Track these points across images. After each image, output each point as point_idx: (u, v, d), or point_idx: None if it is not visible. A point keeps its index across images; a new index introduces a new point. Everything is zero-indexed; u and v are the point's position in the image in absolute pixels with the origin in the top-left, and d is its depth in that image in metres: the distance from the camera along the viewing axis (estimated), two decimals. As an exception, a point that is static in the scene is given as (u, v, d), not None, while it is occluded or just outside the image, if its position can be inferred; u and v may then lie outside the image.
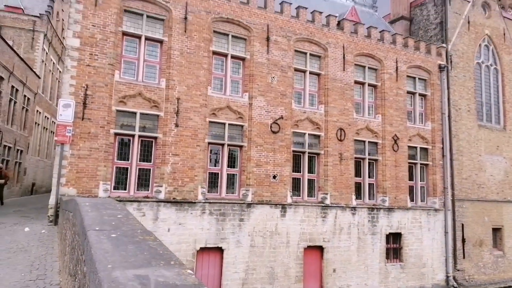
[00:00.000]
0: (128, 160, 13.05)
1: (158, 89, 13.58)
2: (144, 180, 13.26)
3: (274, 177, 15.10)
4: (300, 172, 16.17)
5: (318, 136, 16.62)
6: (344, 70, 17.31)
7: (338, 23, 17.76)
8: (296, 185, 15.96)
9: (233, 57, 15.22)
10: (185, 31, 14.06)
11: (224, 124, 14.65)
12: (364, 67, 18.17)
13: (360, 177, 17.55)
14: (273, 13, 15.91)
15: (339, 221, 16.32)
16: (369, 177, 17.74)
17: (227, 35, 15.11)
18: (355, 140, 17.31)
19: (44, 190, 28.66)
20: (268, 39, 15.60)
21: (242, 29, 15.33)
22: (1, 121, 20.96)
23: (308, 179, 16.24)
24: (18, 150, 23.99)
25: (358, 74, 18.01)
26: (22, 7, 27.13)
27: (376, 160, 17.91)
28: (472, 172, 20.49)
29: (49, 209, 11.88)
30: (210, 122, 14.34)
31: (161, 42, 13.91)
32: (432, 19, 22.26)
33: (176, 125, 13.54)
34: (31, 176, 26.74)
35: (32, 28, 26.12)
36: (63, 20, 32.00)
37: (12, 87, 22.32)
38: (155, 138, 13.40)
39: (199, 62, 14.20)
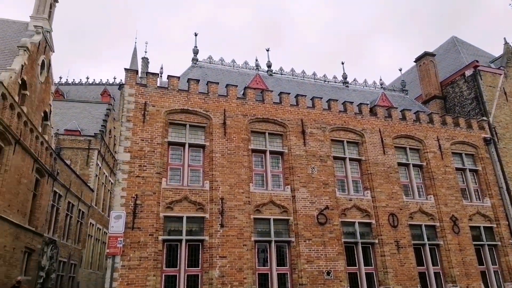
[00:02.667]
0: (176, 267, 12.85)
1: (203, 191, 13.93)
2: (193, 287, 12.83)
3: (328, 273, 14.13)
4: (356, 266, 15.06)
5: (369, 224, 15.83)
6: (384, 153, 17.14)
7: (371, 110, 18.18)
8: (353, 281, 14.72)
9: (271, 152, 15.65)
10: (225, 134, 14.87)
11: (269, 219, 14.42)
12: (405, 148, 17.94)
13: (423, 265, 16.02)
14: (306, 108, 16.66)
15: (408, 319, 14.48)
16: (433, 264, 16.15)
17: (264, 133, 15.79)
18: (410, 224, 16.27)
19: (95, 303, 28.32)
20: (303, 132, 16.09)
21: (277, 126, 16.02)
22: (58, 237, 21.91)
23: (365, 272, 15.02)
24: (72, 264, 24.53)
25: (400, 156, 17.72)
26: (79, 129, 30.36)
27: (437, 245, 16.50)
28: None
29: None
30: (254, 219, 14.20)
31: (203, 147, 14.70)
32: (466, 95, 22.29)
33: (222, 225, 13.49)
34: (82, 289, 26.76)
35: (87, 147, 28.79)
36: (114, 136, 35.14)
37: (69, 202, 23.80)
38: (202, 241, 13.32)
39: (240, 161, 14.67)
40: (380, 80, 23.50)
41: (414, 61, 26.26)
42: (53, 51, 21.47)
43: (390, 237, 15.60)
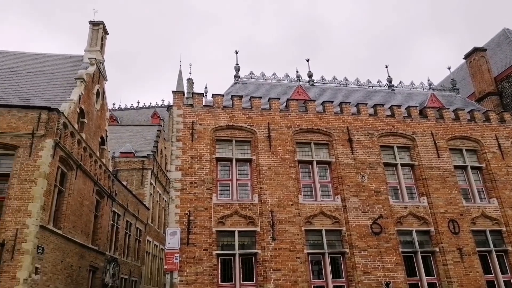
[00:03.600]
0: (232, 281, 13.01)
1: (252, 205, 14.07)
2: (248, 301, 12.90)
3: (387, 285, 13.58)
4: (417, 276, 14.33)
5: (427, 232, 15.07)
6: (439, 156, 16.35)
7: (420, 112, 17.48)
8: (414, 292, 14.03)
9: (318, 162, 15.50)
10: (270, 147, 14.99)
11: (321, 231, 14.21)
12: (461, 150, 17.01)
13: (491, 274, 14.91)
14: (351, 116, 16.38)
15: (479, 333, 13.47)
16: (502, 272, 14.98)
17: (309, 143, 15.71)
18: (473, 230, 15.28)
19: (155, 319, 29.23)
20: (350, 140, 15.80)
21: (322, 135, 15.88)
22: (118, 255, 23.04)
23: (427, 283, 14.25)
24: (133, 281, 25.62)
25: (456, 159, 16.81)
26: (133, 151, 31.99)
27: (505, 251, 15.30)
28: None
29: None
30: (305, 230, 14.06)
31: (249, 161, 14.91)
32: (525, 88, 20.75)
33: (273, 238, 13.50)
34: (143, 305, 27.77)
35: (141, 167, 30.23)
36: (166, 156, 36.60)
37: (127, 221, 25.01)
38: (255, 254, 13.39)
39: (287, 173, 14.68)
40: (428, 80, 22.56)
41: (464, 58, 25.01)
42: (106, 80, 23.00)
43: (451, 244, 14.73)
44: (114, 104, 58.04)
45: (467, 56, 24.50)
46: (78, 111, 18.29)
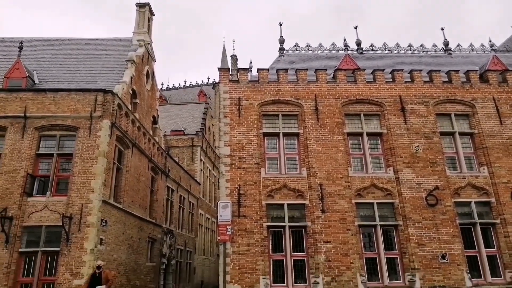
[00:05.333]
0: (283, 252, 13.27)
1: (301, 179, 14.06)
2: (300, 271, 13.13)
3: (443, 257, 13.14)
4: (475, 248, 13.72)
5: (487, 203, 14.25)
6: (501, 123, 15.19)
7: (481, 76, 16.21)
8: (473, 264, 13.47)
9: (368, 134, 15.04)
10: (318, 120, 14.74)
11: (372, 203, 13.94)
12: (527, 115, 15.62)
13: (561, 247, 13.87)
14: (404, 84, 15.58)
15: (547, 309, 12.74)
16: None
17: (359, 114, 15.22)
18: (540, 201, 14.19)
19: (211, 287, 30.81)
20: (403, 109, 15.09)
21: (373, 106, 15.30)
22: (174, 227, 24.30)
23: (487, 255, 13.60)
24: (188, 251, 27.02)
25: (521, 125, 15.50)
26: (183, 129, 33.03)
27: None
28: None
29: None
30: (356, 203, 13.87)
31: (297, 135, 14.80)
32: None
33: (323, 211, 13.48)
34: (199, 274, 29.32)
35: (191, 144, 31.20)
36: (213, 132, 37.44)
37: (180, 196, 26.17)
38: (305, 227, 13.49)
39: (336, 146, 14.42)
40: (490, 41, 20.74)
41: (532, 14, 22.53)
42: (155, 61, 23.63)
43: (515, 216, 13.83)
44: (162, 84, 59.94)
45: (535, 12, 22.04)
46: (131, 92, 19.07)
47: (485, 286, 13.03)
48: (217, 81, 15.58)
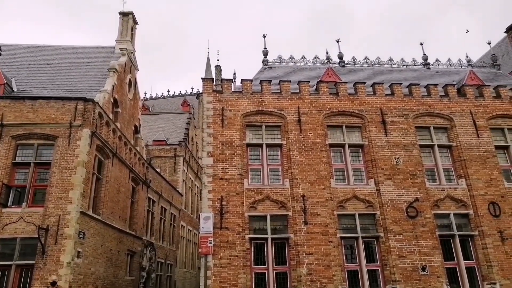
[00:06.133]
0: (265, 265, 13.14)
1: (283, 190, 14.05)
2: (282, 284, 13.00)
3: (424, 269, 13.27)
4: (454, 260, 13.92)
5: (466, 215, 14.53)
6: (478, 137, 15.60)
7: (458, 90, 16.67)
8: (452, 276, 13.64)
9: (350, 146, 15.19)
10: (301, 131, 14.83)
11: (354, 215, 14.01)
12: (502, 129, 16.14)
13: (536, 258, 14.21)
14: (384, 97, 15.87)
15: (523, 319, 12.98)
16: (548, 257, 14.23)
17: (341, 126, 15.39)
18: (516, 213, 14.56)
19: (192, 300, 30.20)
20: (383, 122, 15.34)
21: (355, 118, 15.51)
22: (154, 239, 23.82)
23: (466, 267, 13.81)
24: (168, 264, 26.48)
25: (497, 138, 15.99)
26: (165, 139, 32.68)
27: (552, 235, 14.49)
28: None
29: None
30: (338, 215, 13.91)
31: (280, 146, 14.83)
32: None
33: (305, 223, 13.46)
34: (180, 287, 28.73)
35: (173, 155, 30.88)
36: (196, 143, 37.17)
37: (162, 207, 25.75)
38: (287, 238, 13.43)
39: (318, 157, 14.50)
40: (467, 57, 21.43)
41: (505, 32, 23.50)
42: (138, 70, 23.43)
43: (492, 227, 14.15)
44: (145, 93, 59.41)
45: (509, 30, 23.00)
46: (112, 101, 18.80)
47: (464, 297, 13.18)
48: (201, 91, 15.55)
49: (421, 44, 21.62)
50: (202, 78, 15.53)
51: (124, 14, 22.63)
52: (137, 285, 20.75)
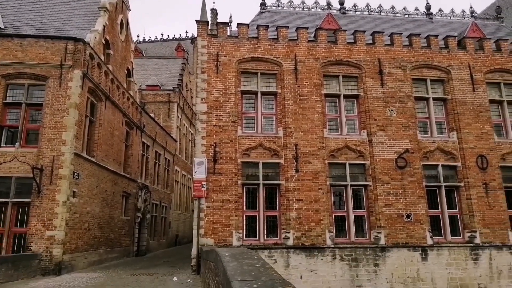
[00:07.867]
0: (256, 208, 13.61)
1: (276, 138, 14.17)
2: (272, 227, 13.58)
3: (408, 216, 13.86)
4: (438, 209, 14.51)
5: (454, 167, 14.91)
6: (474, 90, 15.56)
7: (459, 43, 16.34)
8: (435, 224, 14.31)
9: (346, 96, 15.13)
10: (296, 80, 14.64)
11: (345, 164, 14.32)
12: (498, 83, 16.07)
13: (516, 209, 14.86)
14: (383, 46, 15.53)
15: (496, 263, 13.86)
16: (528, 209, 14.89)
17: (337, 76, 15.20)
18: (502, 166, 14.99)
19: (186, 240, 31.58)
20: (381, 72, 15.16)
21: (352, 68, 15.28)
22: (149, 182, 24.32)
23: (449, 216, 14.44)
24: (163, 206, 27.30)
25: (492, 93, 15.98)
26: (159, 84, 32.15)
27: (534, 188, 15.04)
28: None
29: (192, 259, 12.95)
30: (329, 164, 14.20)
31: (275, 94, 14.71)
32: None
33: (297, 170, 13.76)
34: (174, 228, 29.89)
35: (167, 101, 30.57)
36: (191, 89, 36.69)
37: (156, 152, 25.99)
38: (278, 185, 13.79)
39: (313, 107, 14.48)
40: (471, 8, 20.75)
41: (514, -19, 22.53)
42: (130, 10, 22.42)
43: (477, 180, 14.60)
44: (138, 36, 57.43)
45: (518, -20, 22.06)
46: (103, 42, 18.18)
47: (445, 244, 13.92)
48: (195, 36, 15.03)
49: (426, -8, 20.77)
50: (196, 21, 14.98)
51: None
52: (132, 224, 21.52)
